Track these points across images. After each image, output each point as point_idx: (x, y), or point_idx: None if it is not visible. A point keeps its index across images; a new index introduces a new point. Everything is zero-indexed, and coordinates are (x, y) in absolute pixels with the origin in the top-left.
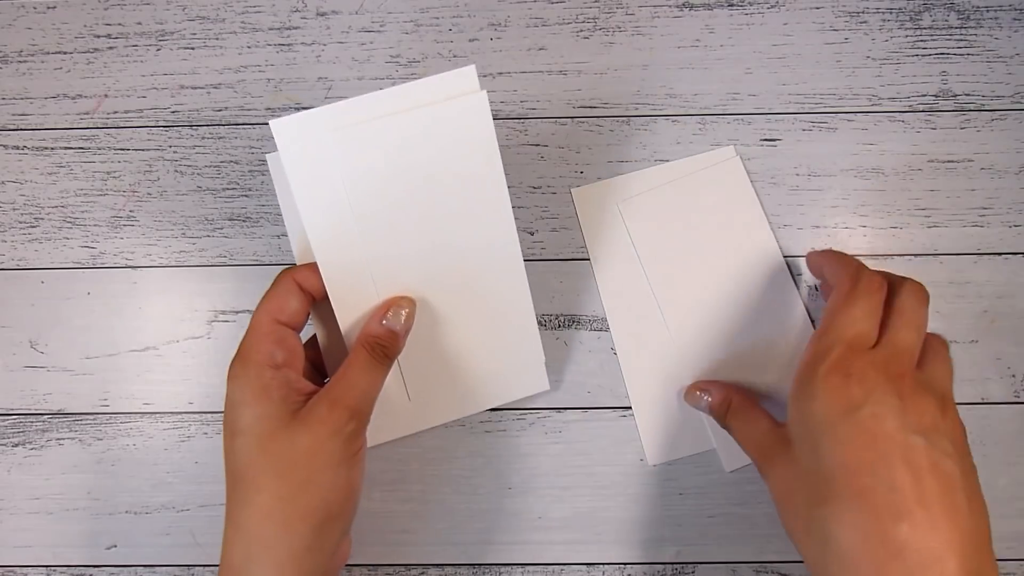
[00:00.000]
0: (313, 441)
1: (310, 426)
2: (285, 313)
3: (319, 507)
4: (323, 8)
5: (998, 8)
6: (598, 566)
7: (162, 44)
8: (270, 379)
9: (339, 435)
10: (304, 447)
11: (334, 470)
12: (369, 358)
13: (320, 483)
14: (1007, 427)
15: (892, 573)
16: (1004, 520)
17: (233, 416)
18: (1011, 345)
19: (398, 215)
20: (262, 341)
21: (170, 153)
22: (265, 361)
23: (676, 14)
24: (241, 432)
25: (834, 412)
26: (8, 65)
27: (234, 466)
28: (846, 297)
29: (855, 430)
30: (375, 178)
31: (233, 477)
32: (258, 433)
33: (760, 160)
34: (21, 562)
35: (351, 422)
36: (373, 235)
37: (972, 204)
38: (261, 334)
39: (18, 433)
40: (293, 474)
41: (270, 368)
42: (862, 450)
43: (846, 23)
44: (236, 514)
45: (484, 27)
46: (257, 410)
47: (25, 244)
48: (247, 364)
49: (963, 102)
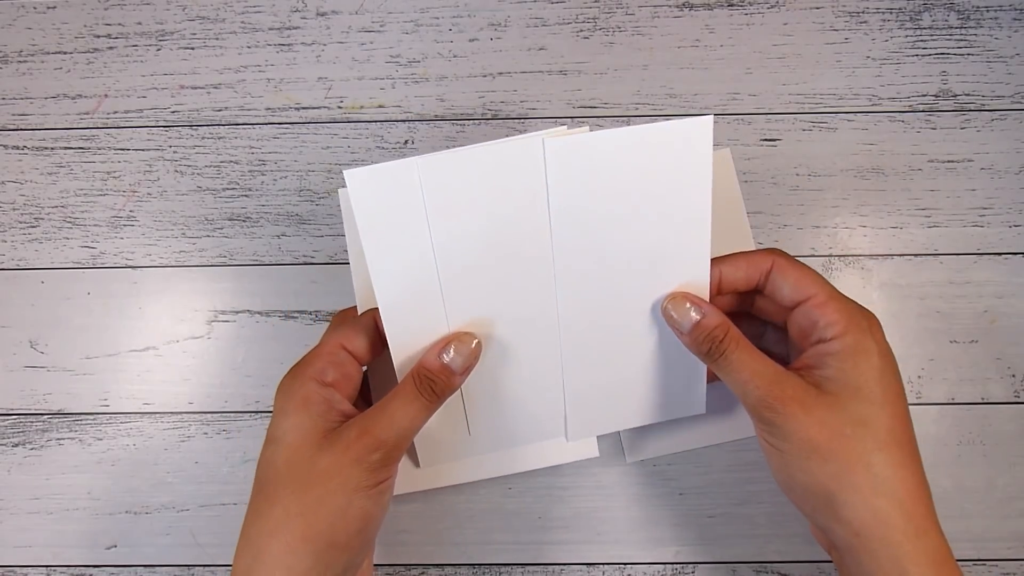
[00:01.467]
0: (333, 464)
1: (334, 448)
2: (352, 343)
3: (324, 532)
4: (323, 8)
5: (998, 8)
6: (598, 566)
7: (162, 44)
8: (313, 392)
9: (361, 463)
10: (323, 467)
11: (347, 497)
12: (415, 392)
13: (331, 507)
14: (1007, 427)
15: None
16: (1004, 520)
17: (274, 424)
18: (1011, 345)
19: (486, 271)
20: (319, 358)
21: (170, 153)
22: (314, 376)
23: (676, 14)
24: (273, 440)
25: (889, 369)
26: (8, 65)
27: (259, 473)
28: (832, 293)
29: (901, 387)
30: (461, 228)
31: (258, 485)
32: (287, 444)
33: (760, 160)
34: (21, 562)
35: (376, 452)
36: (454, 287)
37: (972, 204)
38: (322, 353)
39: (18, 433)
40: (307, 493)
41: (317, 383)
42: (904, 402)
43: (846, 23)
44: (249, 524)
45: (484, 27)
46: (293, 420)
47: (25, 244)
48: (296, 376)
49: (963, 102)
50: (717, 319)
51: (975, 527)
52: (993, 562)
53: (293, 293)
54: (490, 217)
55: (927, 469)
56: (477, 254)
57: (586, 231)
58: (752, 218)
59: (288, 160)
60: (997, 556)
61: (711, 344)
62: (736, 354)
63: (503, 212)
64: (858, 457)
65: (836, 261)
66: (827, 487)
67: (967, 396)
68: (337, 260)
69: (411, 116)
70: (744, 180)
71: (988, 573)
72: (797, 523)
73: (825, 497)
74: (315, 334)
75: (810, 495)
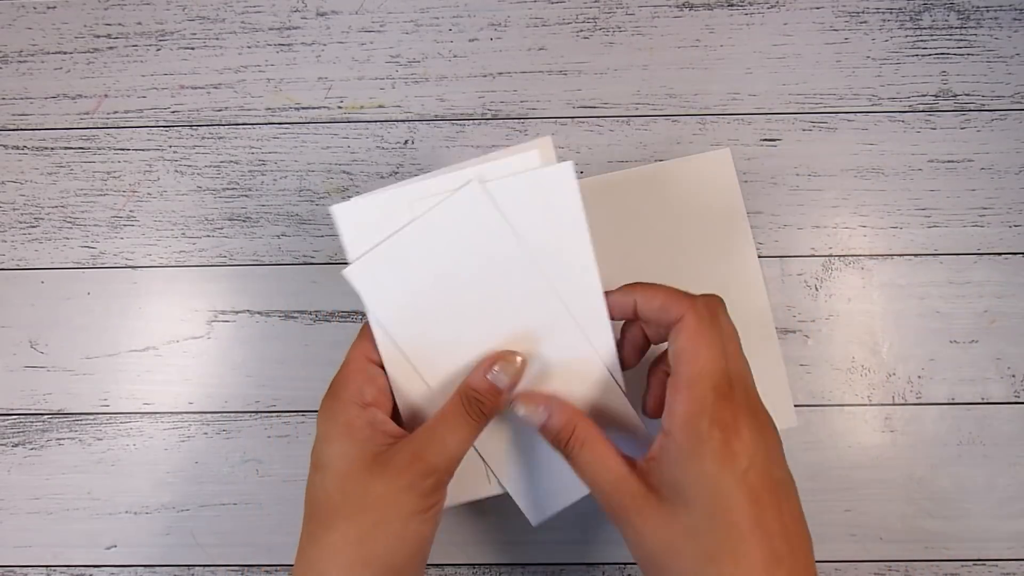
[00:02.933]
0: (388, 490)
1: (388, 474)
2: (376, 354)
3: (383, 556)
4: (323, 8)
5: (998, 8)
6: (598, 566)
7: (162, 44)
8: (355, 417)
9: (415, 488)
10: (378, 493)
11: (403, 522)
12: (464, 414)
13: (388, 532)
14: (1007, 427)
15: None
16: (1004, 520)
17: (318, 450)
18: (1011, 345)
19: (462, 296)
20: (353, 378)
21: (170, 153)
22: (353, 398)
23: (676, 14)
24: (323, 467)
25: (725, 474)
26: (8, 65)
27: (312, 500)
28: (696, 333)
29: (743, 489)
30: (439, 260)
31: (309, 511)
32: (337, 471)
33: (760, 160)
34: (21, 562)
35: (430, 477)
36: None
37: (972, 204)
38: (353, 370)
39: (18, 433)
40: (363, 518)
41: (357, 406)
42: (749, 506)
43: (846, 23)
44: (307, 550)
45: (484, 27)
46: (340, 448)
47: (25, 244)
48: (336, 399)
49: (963, 102)
50: (561, 420)
51: (975, 527)
52: (993, 562)
53: (293, 293)
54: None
55: (927, 469)
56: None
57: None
58: (752, 218)
59: (288, 160)
60: (997, 556)
61: (558, 444)
62: (582, 454)
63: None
64: (686, 571)
65: (836, 261)
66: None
67: (967, 396)
68: (337, 260)
69: (411, 116)
70: (744, 180)
71: (988, 573)
72: None
73: None
74: (315, 334)
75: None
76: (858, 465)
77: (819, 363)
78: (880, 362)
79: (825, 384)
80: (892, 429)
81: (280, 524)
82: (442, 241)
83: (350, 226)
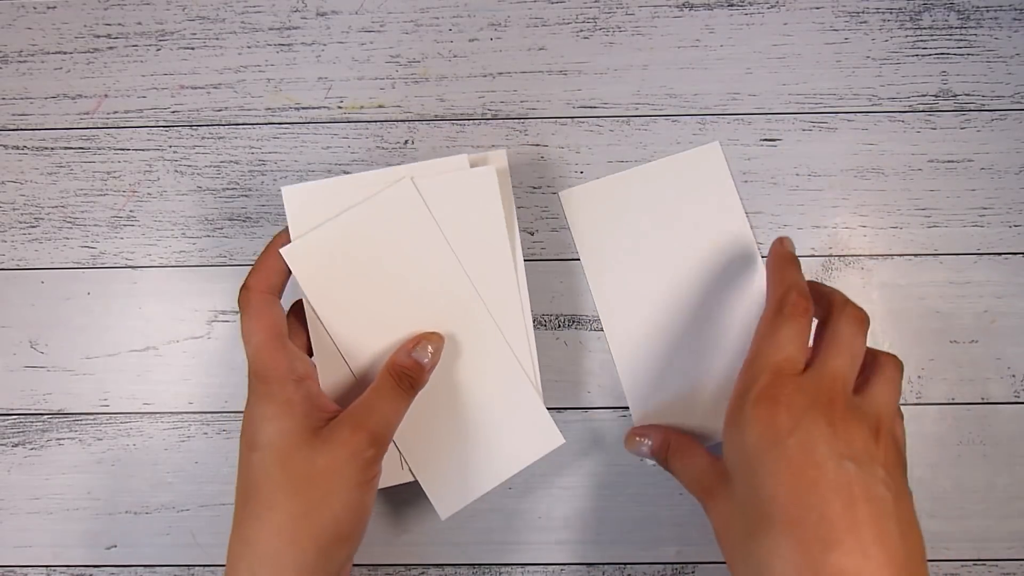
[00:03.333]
0: (332, 461)
1: (331, 447)
2: (279, 326)
3: (329, 527)
4: (323, 8)
5: (998, 8)
6: (598, 566)
7: (162, 44)
8: (293, 393)
9: (358, 458)
10: (322, 466)
11: (348, 492)
12: (395, 386)
13: (333, 504)
14: (1007, 427)
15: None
16: (1004, 520)
17: (253, 430)
18: (1011, 345)
19: (388, 283)
20: (276, 356)
21: (170, 153)
22: (286, 375)
23: (676, 14)
24: (260, 447)
25: (764, 442)
26: (8, 65)
27: (249, 480)
28: (771, 322)
29: (784, 460)
30: (370, 248)
31: (246, 491)
32: (278, 448)
33: (760, 160)
34: (21, 562)
35: (371, 447)
36: (363, 298)
37: (972, 204)
38: (273, 348)
39: (18, 433)
40: (308, 492)
41: (292, 382)
42: (792, 480)
43: (846, 23)
44: (245, 529)
45: (484, 27)
46: (279, 425)
47: (25, 244)
48: (268, 379)
49: (963, 102)
50: (658, 441)
51: (975, 527)
52: (993, 562)
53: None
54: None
55: (927, 469)
56: (375, 276)
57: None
58: (752, 218)
59: (288, 160)
60: (997, 556)
61: (661, 462)
62: (677, 464)
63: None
64: (735, 546)
65: (836, 261)
66: (732, 574)
67: (967, 396)
68: None
69: (411, 116)
70: (744, 180)
71: (988, 573)
72: None
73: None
74: None
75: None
76: None
77: None
78: None
79: None
80: None
81: None
82: (375, 230)
83: (296, 206)
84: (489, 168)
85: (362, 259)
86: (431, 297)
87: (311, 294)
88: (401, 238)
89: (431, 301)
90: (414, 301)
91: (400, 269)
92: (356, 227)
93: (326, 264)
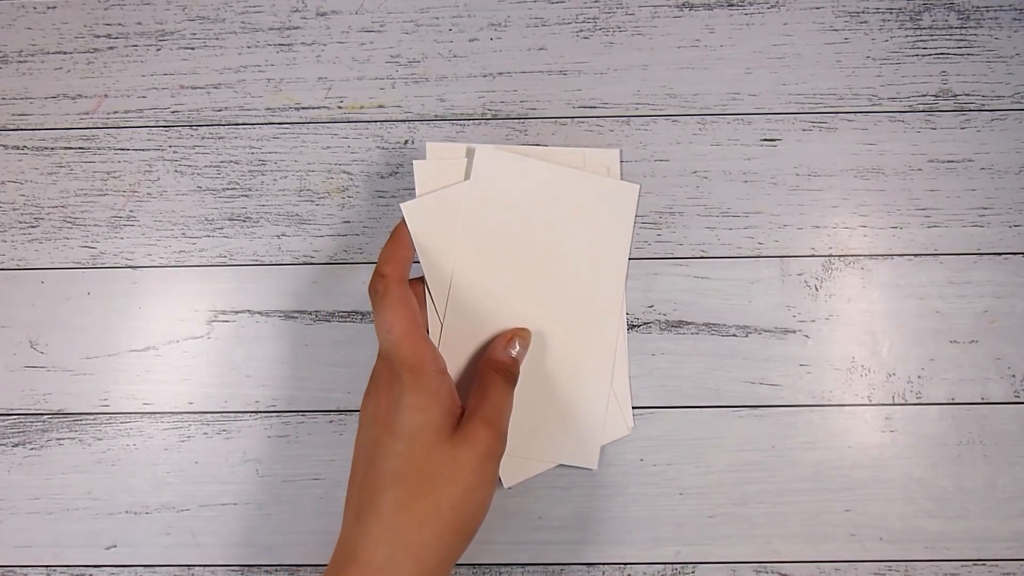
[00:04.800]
0: (473, 459)
1: (471, 443)
2: (418, 316)
3: (469, 522)
4: (323, 8)
5: (998, 8)
6: (598, 566)
7: (162, 44)
8: (440, 386)
9: (492, 456)
10: (465, 463)
11: (484, 489)
12: (503, 382)
13: (474, 499)
14: (1007, 427)
15: None
16: (1004, 520)
17: (399, 419)
18: (1011, 345)
19: (512, 264)
20: (423, 348)
21: (170, 153)
22: (433, 367)
23: (676, 14)
24: (409, 437)
25: None
26: (8, 65)
27: (395, 469)
28: None
29: None
30: (495, 226)
31: (391, 476)
32: (426, 441)
33: (760, 160)
34: (21, 562)
35: (501, 444)
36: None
37: (972, 204)
38: (417, 341)
39: (18, 433)
40: (454, 487)
41: (438, 374)
42: None
43: (846, 23)
44: (390, 514)
45: (484, 27)
46: (427, 417)
47: (25, 244)
48: (419, 369)
49: (963, 102)
50: None
51: (975, 527)
52: (993, 562)
53: (293, 293)
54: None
55: (927, 469)
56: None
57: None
58: (752, 218)
59: (288, 160)
60: (997, 556)
61: None
62: None
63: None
64: None
65: (836, 261)
66: None
67: (967, 396)
68: (337, 260)
69: (411, 116)
70: (744, 180)
71: (988, 573)
72: (797, 523)
73: None
74: (315, 334)
75: None
76: (858, 465)
77: (819, 363)
78: (880, 362)
79: (825, 384)
80: (892, 429)
81: (280, 524)
82: (503, 207)
83: (426, 175)
84: (635, 186)
85: (498, 244)
86: (536, 284)
87: (422, 255)
88: (533, 219)
89: (535, 289)
90: (519, 284)
91: (517, 250)
92: (480, 200)
93: (442, 228)
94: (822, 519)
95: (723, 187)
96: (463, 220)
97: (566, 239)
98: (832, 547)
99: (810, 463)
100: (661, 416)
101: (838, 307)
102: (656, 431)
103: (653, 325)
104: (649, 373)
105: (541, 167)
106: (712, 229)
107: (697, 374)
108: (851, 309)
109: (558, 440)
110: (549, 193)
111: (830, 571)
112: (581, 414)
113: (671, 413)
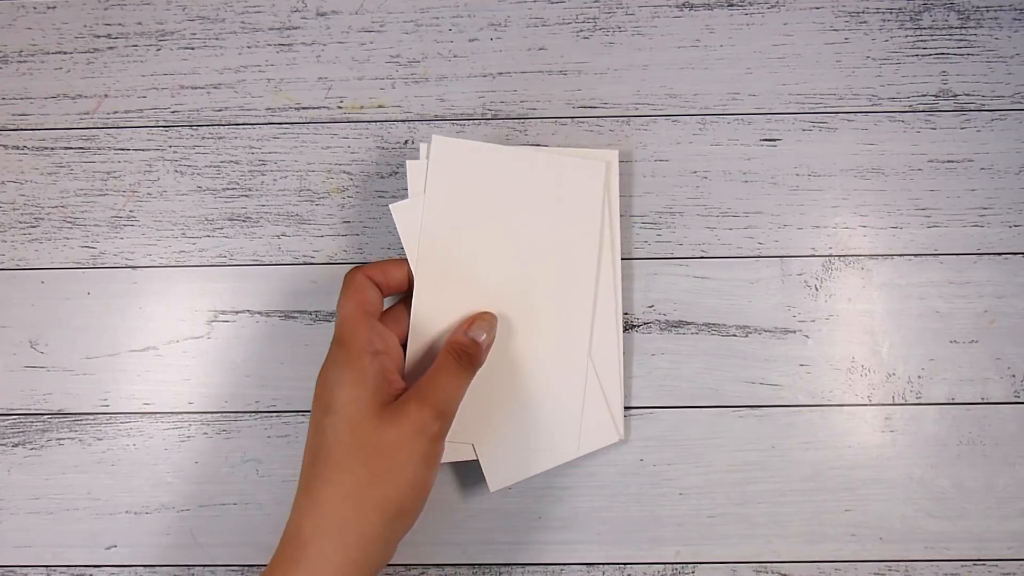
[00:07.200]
0: (400, 436)
1: (399, 421)
2: (370, 304)
3: (393, 500)
4: (323, 8)
5: (998, 8)
6: (598, 566)
7: (162, 44)
8: (367, 365)
9: (424, 434)
10: (389, 439)
11: (414, 467)
12: (456, 364)
13: (398, 477)
14: (1007, 427)
15: None
16: (1004, 520)
17: (327, 394)
18: (1011, 345)
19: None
20: (359, 329)
21: (170, 153)
22: (364, 347)
23: (676, 14)
24: (334, 411)
25: None
26: (8, 65)
27: (320, 442)
28: None
29: None
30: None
31: (315, 452)
32: (349, 416)
33: (760, 160)
34: (21, 562)
35: (436, 423)
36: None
37: (972, 204)
38: (357, 322)
39: (18, 433)
40: (375, 463)
41: (369, 353)
42: None
43: (846, 23)
44: (315, 488)
45: (484, 27)
46: (352, 392)
47: (25, 244)
48: (348, 348)
49: (963, 102)
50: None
51: (975, 527)
52: (993, 562)
53: (293, 293)
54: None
55: (927, 469)
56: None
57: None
58: (752, 218)
59: (288, 160)
60: (997, 556)
61: None
62: None
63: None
64: None
65: (836, 261)
66: None
67: (967, 396)
68: (337, 260)
69: (411, 116)
70: (744, 180)
71: (988, 573)
72: (797, 523)
73: None
74: (315, 334)
75: None
76: (858, 465)
77: (819, 363)
78: (880, 362)
79: (825, 384)
80: (892, 429)
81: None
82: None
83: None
84: (599, 163)
85: (464, 231)
86: (505, 271)
87: (411, 257)
88: (497, 206)
89: (505, 275)
90: (489, 274)
91: (483, 238)
92: (468, 198)
93: (430, 229)
94: (822, 519)
95: (723, 187)
96: (424, 213)
97: (531, 223)
98: (832, 547)
99: (810, 463)
100: (661, 416)
101: (838, 307)
102: (656, 431)
103: (653, 325)
104: (649, 373)
105: (502, 151)
106: (712, 229)
107: (697, 374)
108: (851, 309)
109: (535, 439)
110: (511, 178)
111: (830, 571)
112: (558, 404)
113: (671, 413)
